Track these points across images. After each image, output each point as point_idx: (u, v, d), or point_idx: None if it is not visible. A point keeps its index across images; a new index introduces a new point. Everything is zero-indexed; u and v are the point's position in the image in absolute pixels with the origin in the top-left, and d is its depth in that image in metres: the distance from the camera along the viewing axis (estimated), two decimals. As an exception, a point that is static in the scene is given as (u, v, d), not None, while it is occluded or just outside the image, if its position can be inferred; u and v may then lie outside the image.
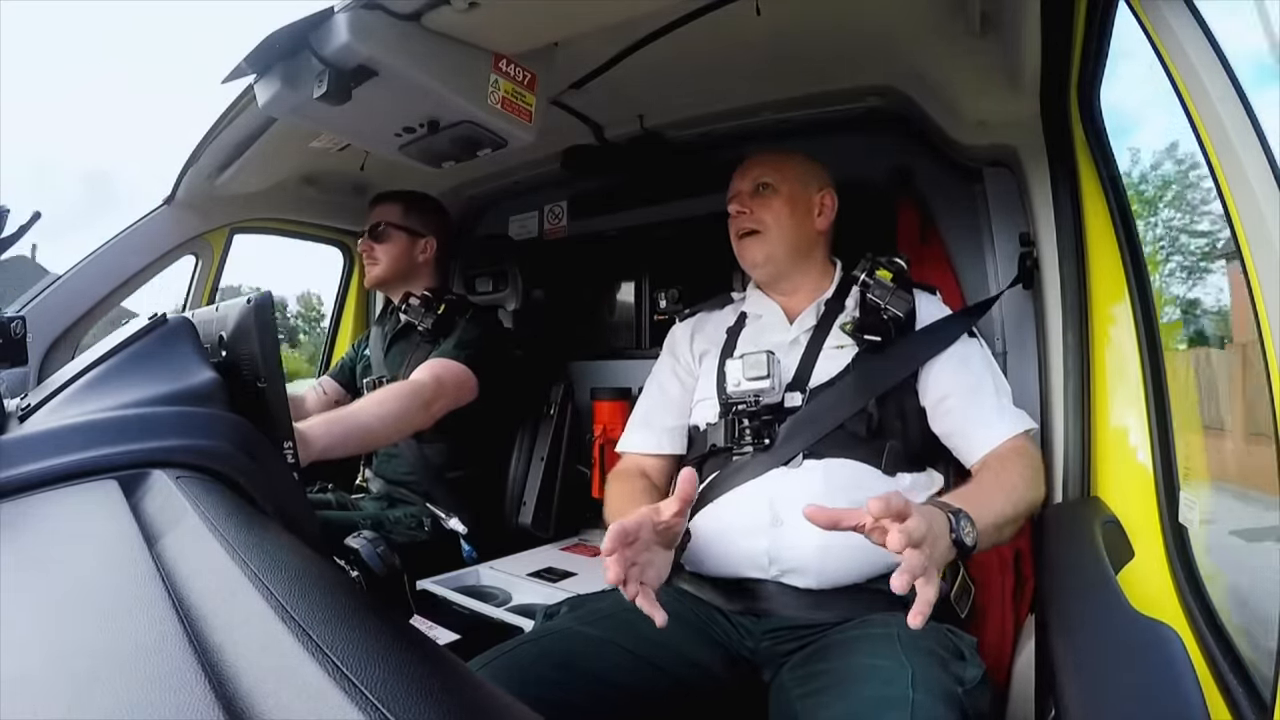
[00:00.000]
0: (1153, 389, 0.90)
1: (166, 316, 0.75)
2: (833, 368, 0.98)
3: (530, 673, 0.75)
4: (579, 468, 1.65)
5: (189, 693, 0.26)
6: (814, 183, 1.09)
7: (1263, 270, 0.56)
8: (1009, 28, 0.99)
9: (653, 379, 1.18)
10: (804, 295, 1.09)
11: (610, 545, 0.66)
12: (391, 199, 1.58)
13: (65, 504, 0.50)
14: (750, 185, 1.09)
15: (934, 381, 0.97)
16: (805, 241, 1.08)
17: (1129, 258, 0.95)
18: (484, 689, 0.32)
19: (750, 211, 1.07)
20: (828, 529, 0.63)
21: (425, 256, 1.58)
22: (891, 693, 0.65)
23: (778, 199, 1.06)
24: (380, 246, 1.53)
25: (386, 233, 1.54)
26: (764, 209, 1.07)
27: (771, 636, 0.86)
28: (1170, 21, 0.66)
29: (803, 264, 1.09)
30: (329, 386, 1.66)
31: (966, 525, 0.71)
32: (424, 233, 1.57)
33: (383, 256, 1.54)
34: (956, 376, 0.96)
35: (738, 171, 1.12)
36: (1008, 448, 0.91)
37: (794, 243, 1.07)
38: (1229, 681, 0.61)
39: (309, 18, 0.86)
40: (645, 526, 0.71)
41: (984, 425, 0.93)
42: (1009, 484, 0.85)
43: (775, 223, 1.06)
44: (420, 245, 1.57)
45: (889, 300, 1.00)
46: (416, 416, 1.22)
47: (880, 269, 1.04)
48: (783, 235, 1.06)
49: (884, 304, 1.00)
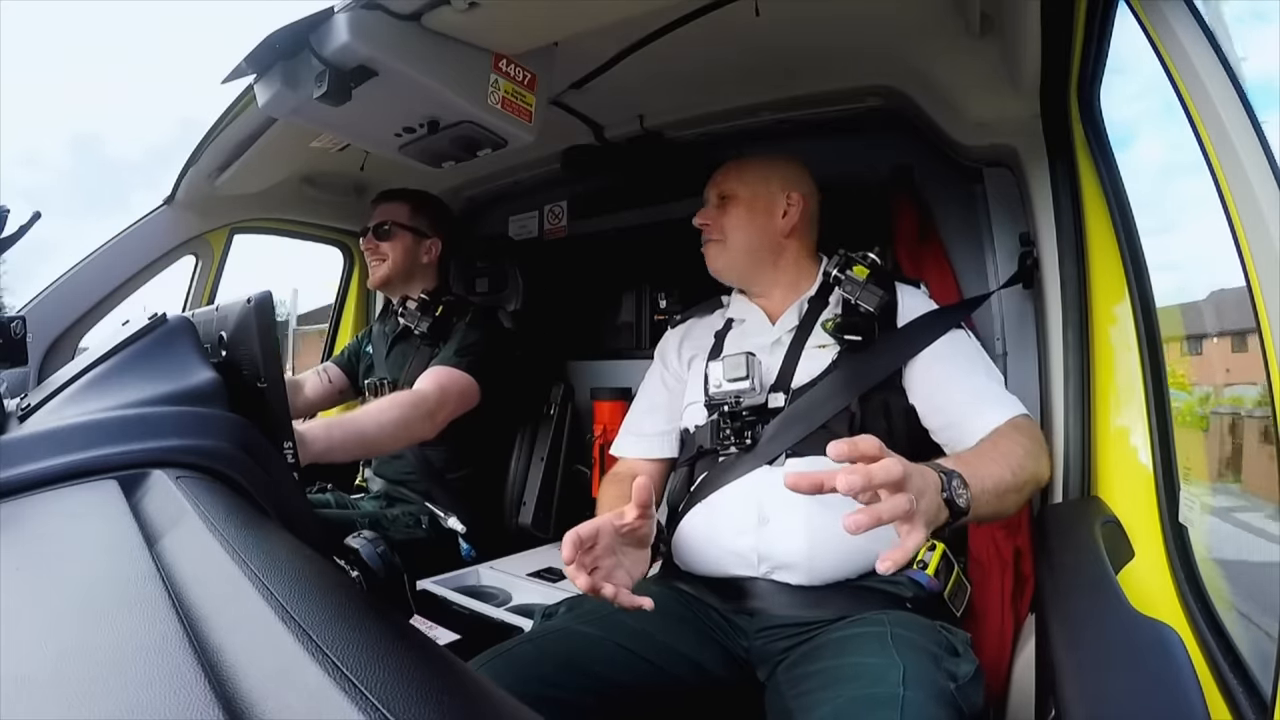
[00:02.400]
0: (1153, 389, 0.90)
1: (166, 316, 0.75)
2: (815, 368, 0.98)
3: (530, 672, 0.75)
4: (579, 468, 1.65)
5: (189, 693, 0.26)
6: (776, 183, 1.09)
7: (1263, 270, 0.56)
8: (1009, 28, 0.99)
9: (643, 386, 1.20)
10: (781, 296, 1.09)
11: (568, 554, 0.68)
12: (399, 198, 1.56)
13: (65, 504, 0.50)
14: (715, 198, 1.11)
15: (922, 376, 0.96)
16: (767, 243, 1.08)
17: (1129, 258, 0.95)
18: (484, 689, 0.32)
19: (712, 220, 1.10)
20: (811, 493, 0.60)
21: (430, 258, 1.57)
22: (883, 691, 0.66)
23: (736, 206, 1.08)
24: (386, 245, 1.52)
25: (393, 232, 1.52)
26: (723, 217, 1.09)
27: (765, 635, 0.86)
28: (1171, 22, 0.66)
29: (769, 266, 1.09)
30: (333, 373, 1.65)
31: (959, 485, 0.68)
32: (430, 234, 1.57)
33: (388, 256, 1.52)
34: (947, 368, 0.96)
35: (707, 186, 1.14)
36: (1006, 424, 0.88)
37: (753, 246, 1.07)
38: (1229, 681, 0.61)
39: (309, 18, 0.86)
40: (604, 532, 0.73)
41: (978, 414, 0.91)
42: (1007, 451, 0.81)
43: (732, 229, 1.08)
44: (425, 246, 1.56)
45: (860, 295, 1.00)
46: (420, 427, 1.21)
47: (856, 265, 1.04)
48: (740, 241, 1.07)
49: (855, 299, 1.00)
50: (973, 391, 0.93)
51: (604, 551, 0.73)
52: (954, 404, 0.94)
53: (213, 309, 0.83)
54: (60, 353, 1.49)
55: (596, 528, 0.72)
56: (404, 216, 1.54)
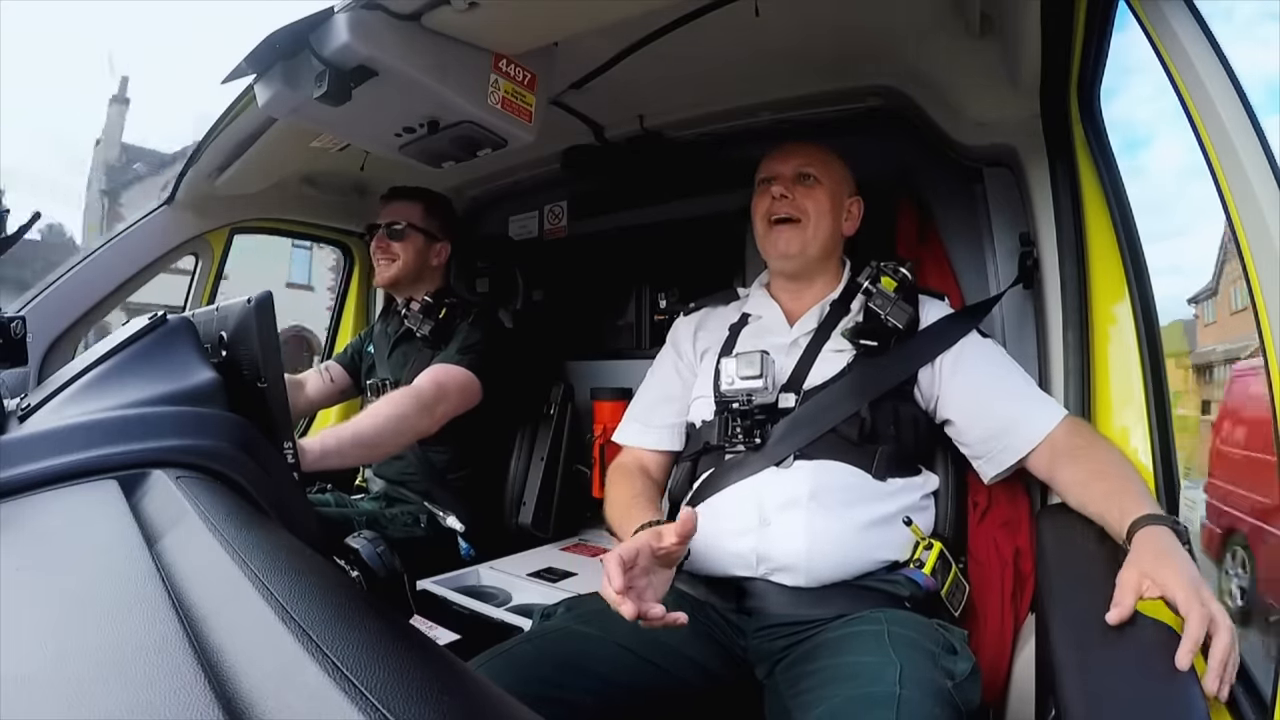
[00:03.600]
0: (1153, 389, 0.90)
1: (166, 316, 0.75)
2: (829, 370, 0.98)
3: (530, 672, 0.75)
4: (579, 468, 1.65)
5: (189, 693, 0.26)
6: (848, 186, 1.08)
7: (1263, 270, 0.56)
8: (1009, 28, 0.99)
9: (654, 372, 1.16)
10: (812, 296, 1.08)
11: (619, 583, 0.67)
12: (412, 197, 1.54)
13: (65, 504, 0.50)
14: (792, 171, 1.04)
15: (952, 389, 0.95)
16: (834, 242, 1.06)
17: (1129, 258, 0.95)
18: (484, 689, 0.32)
19: (793, 197, 1.02)
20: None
21: (439, 261, 1.56)
22: (880, 689, 0.66)
23: (821, 190, 1.03)
24: (398, 245, 1.50)
25: (406, 233, 1.50)
26: (807, 198, 1.02)
27: (763, 634, 0.86)
28: (1171, 22, 0.66)
29: (825, 264, 1.08)
30: (335, 371, 1.64)
31: (1183, 529, 0.68)
32: (441, 237, 1.55)
33: (401, 255, 1.50)
34: (977, 377, 0.95)
35: (776, 154, 1.07)
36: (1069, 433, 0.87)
37: (826, 240, 1.04)
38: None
39: (309, 18, 0.86)
40: (643, 554, 0.72)
41: (1027, 421, 0.89)
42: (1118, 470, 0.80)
43: (817, 214, 1.02)
44: (436, 249, 1.55)
45: (890, 311, 0.98)
46: (419, 421, 1.21)
47: (885, 277, 1.02)
48: (820, 229, 1.03)
49: (885, 314, 0.99)
50: (1018, 397, 0.92)
51: (640, 573, 0.72)
52: (995, 415, 0.92)
53: (213, 309, 0.83)
54: (60, 353, 1.49)
55: (636, 549, 0.71)
56: (418, 218, 1.52)
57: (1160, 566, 0.62)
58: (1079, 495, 0.81)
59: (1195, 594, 0.58)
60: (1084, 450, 0.84)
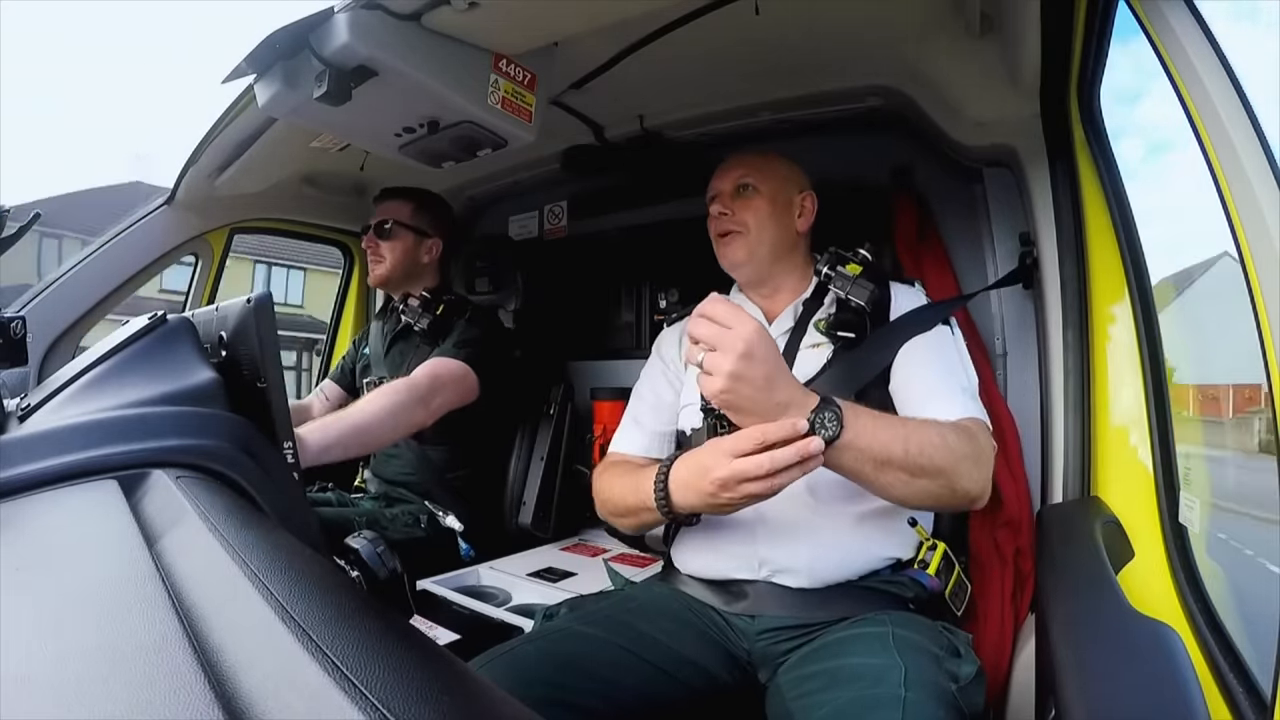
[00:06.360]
0: (1153, 389, 0.90)
1: (166, 316, 0.75)
2: (810, 368, 0.98)
3: (530, 673, 0.75)
4: (579, 468, 1.65)
5: (189, 693, 0.26)
6: (794, 184, 1.08)
7: (1263, 270, 0.56)
8: (1009, 28, 0.99)
9: (643, 382, 1.17)
10: (784, 297, 1.08)
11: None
12: (401, 196, 1.55)
13: (65, 504, 0.50)
14: (731, 185, 1.07)
15: (897, 366, 0.95)
16: (786, 243, 1.07)
17: (1129, 258, 0.95)
18: (484, 689, 0.32)
19: (732, 212, 1.05)
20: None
21: (430, 257, 1.57)
22: (884, 691, 0.66)
23: (759, 199, 1.05)
24: (386, 244, 1.51)
25: (394, 231, 1.51)
26: (745, 209, 1.05)
27: (766, 636, 0.86)
28: (1170, 22, 0.66)
29: (783, 265, 1.08)
30: (330, 391, 1.65)
31: (830, 413, 0.73)
32: (431, 233, 1.56)
33: (388, 255, 1.51)
34: (918, 359, 0.94)
35: (718, 171, 1.10)
36: (957, 420, 0.84)
37: (775, 244, 1.05)
38: (1229, 681, 0.61)
39: (309, 18, 0.86)
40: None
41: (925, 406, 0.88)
42: (918, 431, 0.77)
43: (757, 223, 1.04)
44: (426, 245, 1.55)
45: (850, 290, 0.98)
46: (414, 413, 1.21)
47: (849, 263, 1.02)
48: (764, 236, 1.04)
49: (845, 293, 0.98)
50: (932, 384, 0.92)
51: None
52: (913, 394, 0.92)
53: (213, 309, 0.83)
54: (60, 353, 1.49)
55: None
56: (405, 215, 1.53)
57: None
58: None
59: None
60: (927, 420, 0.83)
